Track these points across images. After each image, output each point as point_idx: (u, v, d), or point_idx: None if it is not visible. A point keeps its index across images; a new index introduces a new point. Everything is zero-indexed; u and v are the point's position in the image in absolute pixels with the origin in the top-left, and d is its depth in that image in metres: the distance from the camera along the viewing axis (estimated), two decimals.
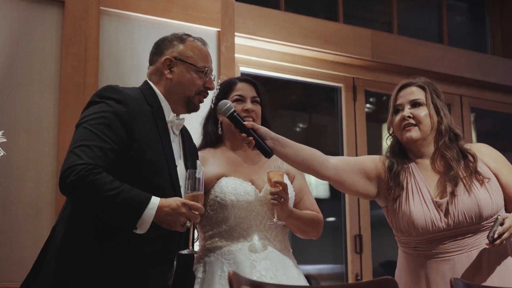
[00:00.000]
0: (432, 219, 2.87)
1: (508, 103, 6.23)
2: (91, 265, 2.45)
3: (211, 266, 2.94)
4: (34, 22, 3.98)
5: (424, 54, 5.70)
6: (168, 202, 2.46)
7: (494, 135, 6.56)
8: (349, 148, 5.38)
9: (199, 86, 2.74)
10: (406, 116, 3.01)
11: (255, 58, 5.04)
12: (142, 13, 4.30)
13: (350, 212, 5.25)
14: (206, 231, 3.01)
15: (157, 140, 2.60)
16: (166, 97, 2.73)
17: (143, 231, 2.46)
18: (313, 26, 5.23)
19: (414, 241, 2.94)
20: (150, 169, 2.54)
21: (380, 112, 6.08)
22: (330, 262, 5.61)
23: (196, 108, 2.78)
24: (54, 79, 3.95)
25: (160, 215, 2.44)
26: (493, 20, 6.57)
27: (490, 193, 2.91)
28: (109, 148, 2.47)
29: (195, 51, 2.77)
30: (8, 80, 3.86)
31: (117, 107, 2.54)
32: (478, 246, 2.87)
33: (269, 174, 2.96)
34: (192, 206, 2.47)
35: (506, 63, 6.18)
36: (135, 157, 2.52)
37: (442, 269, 2.87)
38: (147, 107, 2.63)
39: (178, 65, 2.74)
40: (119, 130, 2.50)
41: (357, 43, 5.40)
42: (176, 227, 2.48)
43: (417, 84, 3.11)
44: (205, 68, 2.75)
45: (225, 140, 3.13)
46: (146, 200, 2.44)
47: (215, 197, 2.97)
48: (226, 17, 4.58)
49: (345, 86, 5.48)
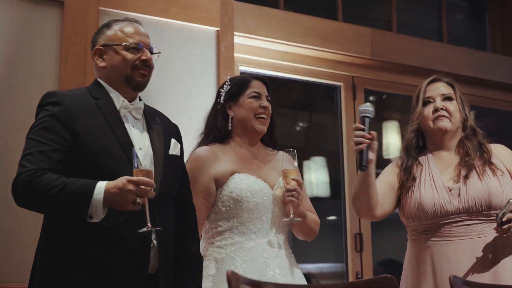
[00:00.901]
0: (441, 202, 3.01)
1: (508, 101, 6.23)
2: (64, 263, 2.49)
3: (223, 263, 2.94)
4: (34, 22, 3.98)
5: (424, 52, 5.70)
6: (114, 182, 2.42)
7: (495, 133, 6.54)
8: (349, 147, 5.37)
9: (132, 61, 2.70)
10: (439, 107, 3.14)
11: (254, 57, 5.04)
12: (141, 13, 4.30)
13: (350, 211, 5.24)
14: (215, 227, 3.01)
15: (106, 129, 2.59)
16: (111, 85, 2.72)
17: (99, 219, 2.44)
18: (312, 25, 5.23)
19: (423, 225, 3.07)
20: (101, 157, 2.54)
21: (379, 110, 6.08)
22: (330, 260, 5.62)
23: (141, 84, 2.73)
24: (53, 79, 3.95)
25: (108, 197, 2.41)
26: (493, 18, 6.56)
27: (502, 185, 3.04)
28: (51, 149, 2.50)
29: (121, 31, 2.74)
30: (8, 80, 3.86)
31: (53, 109, 2.57)
32: (484, 234, 2.99)
33: (285, 172, 2.98)
34: (138, 182, 2.41)
35: (506, 61, 6.18)
36: (82, 149, 2.53)
37: (447, 252, 3.00)
38: (92, 101, 2.64)
39: (107, 51, 2.73)
40: (58, 129, 2.53)
41: (357, 41, 5.40)
42: (127, 206, 2.43)
43: (445, 81, 3.25)
44: (134, 43, 2.72)
45: (235, 136, 3.13)
46: (92, 187, 2.42)
47: (229, 193, 2.97)
48: (226, 16, 4.58)
49: (345, 84, 5.48)
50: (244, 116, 3.10)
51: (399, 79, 5.66)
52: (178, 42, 4.43)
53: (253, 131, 3.11)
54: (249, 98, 3.10)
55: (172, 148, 2.76)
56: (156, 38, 4.36)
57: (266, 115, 3.11)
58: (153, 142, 2.70)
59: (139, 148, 2.63)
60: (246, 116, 3.10)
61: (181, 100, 4.37)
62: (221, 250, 2.97)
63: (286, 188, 2.96)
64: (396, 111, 6.14)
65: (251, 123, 3.09)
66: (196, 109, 4.31)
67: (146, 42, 2.75)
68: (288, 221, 3.01)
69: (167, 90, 4.34)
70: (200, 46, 4.50)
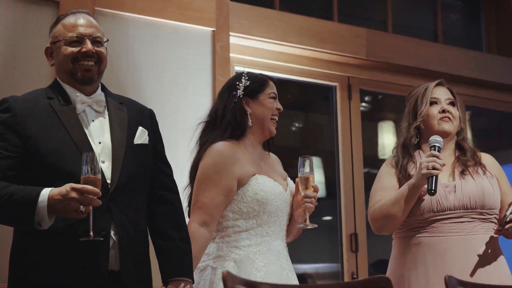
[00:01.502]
0: (437, 198, 3.08)
1: (503, 101, 6.23)
2: (26, 263, 2.51)
3: (242, 264, 2.91)
4: (30, 22, 3.98)
5: (419, 52, 5.71)
6: (59, 189, 2.39)
7: (490, 133, 6.58)
8: (345, 147, 5.38)
9: (72, 55, 2.64)
10: (446, 109, 3.27)
11: (250, 57, 5.04)
12: (137, 13, 4.31)
13: (345, 211, 5.25)
14: (232, 226, 2.97)
15: (58, 128, 2.56)
16: (64, 82, 2.68)
17: (47, 226, 2.42)
18: (308, 25, 5.24)
19: (416, 221, 3.14)
20: (53, 157, 2.51)
21: (375, 111, 6.09)
22: (326, 261, 5.62)
23: (86, 77, 2.65)
24: (50, 79, 3.93)
25: (52, 204, 2.38)
26: (488, 18, 6.57)
27: (493, 187, 3.15)
28: (1, 157, 2.48)
29: (63, 27, 2.69)
30: (5, 81, 3.86)
31: (3, 116, 2.55)
32: (476, 233, 3.09)
33: (305, 177, 2.98)
34: (82, 190, 2.35)
35: (501, 61, 6.19)
36: (34, 152, 2.51)
37: (440, 247, 3.07)
38: (45, 102, 2.61)
39: (54, 49, 2.70)
40: (8, 136, 2.52)
41: (352, 42, 5.40)
42: (71, 214, 2.39)
43: (448, 87, 3.38)
44: (74, 36, 2.65)
45: (248, 134, 3.10)
46: (37, 194, 2.40)
47: (254, 195, 2.95)
48: (221, 16, 4.58)
49: (340, 85, 5.48)
50: (263, 115, 3.09)
51: (395, 79, 5.67)
52: (174, 42, 4.44)
53: (267, 132, 3.12)
54: (269, 98, 3.10)
55: (138, 137, 2.68)
56: (152, 38, 4.39)
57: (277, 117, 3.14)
58: (113, 133, 2.63)
59: (99, 142, 2.59)
60: (265, 115, 3.09)
61: (177, 100, 4.37)
62: (238, 250, 2.94)
63: (305, 194, 2.96)
64: (391, 111, 6.15)
65: (268, 123, 3.10)
66: (192, 108, 4.32)
67: (86, 33, 2.66)
68: (304, 227, 3.01)
69: (163, 90, 4.34)
70: (196, 46, 4.50)
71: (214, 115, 3.12)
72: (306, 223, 2.97)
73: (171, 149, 3.23)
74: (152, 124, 2.78)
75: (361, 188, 5.30)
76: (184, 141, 3.17)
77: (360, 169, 5.38)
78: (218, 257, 2.95)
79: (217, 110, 3.12)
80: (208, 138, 3.07)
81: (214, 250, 2.97)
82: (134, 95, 4.18)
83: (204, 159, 2.99)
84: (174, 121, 4.29)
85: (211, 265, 2.94)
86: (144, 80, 4.28)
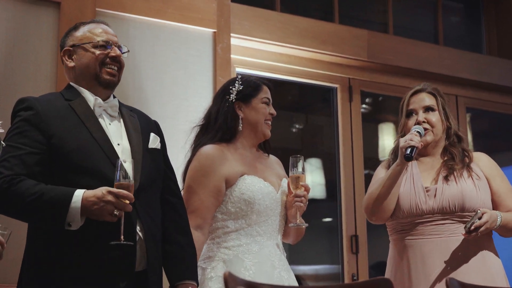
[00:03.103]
0: (417, 202, 3.14)
1: (503, 103, 6.24)
2: (49, 264, 2.49)
3: (231, 264, 2.93)
4: (30, 23, 3.98)
5: (420, 54, 5.71)
6: (94, 192, 2.43)
7: (490, 135, 6.58)
8: (345, 149, 5.38)
9: (101, 58, 2.70)
10: (421, 121, 3.25)
11: (250, 59, 5.04)
12: (138, 14, 4.31)
13: (346, 213, 5.25)
14: (221, 227, 3.00)
15: (80, 128, 2.59)
16: (82, 85, 2.71)
17: (78, 226, 2.44)
18: (308, 26, 5.24)
19: (400, 224, 3.19)
20: (76, 156, 2.53)
21: (376, 112, 6.09)
22: (326, 262, 5.62)
23: (110, 82, 2.72)
24: (50, 80, 3.95)
25: (86, 206, 2.41)
26: (489, 20, 6.58)
27: (477, 188, 3.16)
28: (25, 153, 2.50)
29: (89, 31, 2.75)
30: (4, 81, 3.86)
31: (25, 114, 2.58)
32: (457, 234, 3.11)
33: (295, 177, 2.99)
34: (118, 194, 2.40)
35: (502, 63, 6.19)
36: (57, 150, 2.53)
37: (421, 250, 3.11)
38: (64, 103, 2.64)
39: (76, 51, 2.74)
40: (32, 133, 2.54)
41: (353, 43, 5.41)
42: (105, 217, 2.42)
43: (428, 91, 3.34)
44: (103, 41, 2.72)
45: (239, 137, 3.13)
46: (70, 195, 2.42)
47: (241, 194, 2.97)
48: (222, 18, 4.58)
49: (341, 86, 5.48)
50: (256, 119, 3.12)
51: (395, 81, 5.67)
52: (174, 43, 4.44)
53: (261, 136, 3.15)
54: (262, 103, 3.13)
55: (152, 142, 2.74)
56: (152, 39, 4.39)
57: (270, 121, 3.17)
58: (130, 136, 2.69)
59: (117, 144, 2.63)
60: (258, 120, 3.12)
61: (177, 101, 4.38)
62: (228, 251, 2.96)
63: (295, 194, 2.98)
64: (392, 113, 6.14)
65: (262, 127, 3.13)
66: (192, 110, 4.32)
67: (114, 40, 2.75)
68: (295, 226, 3.02)
69: (164, 91, 4.34)
70: (197, 48, 4.50)
71: (208, 119, 3.17)
72: (297, 222, 2.98)
73: (172, 150, 3.23)
74: (159, 134, 2.84)
75: (361, 189, 5.30)
76: (184, 143, 3.18)
77: (360, 170, 5.38)
78: (208, 257, 2.98)
79: (211, 113, 3.17)
80: (200, 141, 3.12)
81: (205, 251, 3.00)
82: (134, 96, 4.19)
83: (192, 163, 3.03)
84: (175, 122, 4.29)
85: (201, 265, 2.96)
86: (145, 81, 4.28)
